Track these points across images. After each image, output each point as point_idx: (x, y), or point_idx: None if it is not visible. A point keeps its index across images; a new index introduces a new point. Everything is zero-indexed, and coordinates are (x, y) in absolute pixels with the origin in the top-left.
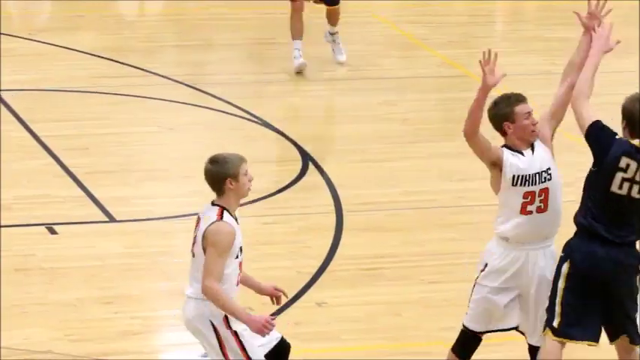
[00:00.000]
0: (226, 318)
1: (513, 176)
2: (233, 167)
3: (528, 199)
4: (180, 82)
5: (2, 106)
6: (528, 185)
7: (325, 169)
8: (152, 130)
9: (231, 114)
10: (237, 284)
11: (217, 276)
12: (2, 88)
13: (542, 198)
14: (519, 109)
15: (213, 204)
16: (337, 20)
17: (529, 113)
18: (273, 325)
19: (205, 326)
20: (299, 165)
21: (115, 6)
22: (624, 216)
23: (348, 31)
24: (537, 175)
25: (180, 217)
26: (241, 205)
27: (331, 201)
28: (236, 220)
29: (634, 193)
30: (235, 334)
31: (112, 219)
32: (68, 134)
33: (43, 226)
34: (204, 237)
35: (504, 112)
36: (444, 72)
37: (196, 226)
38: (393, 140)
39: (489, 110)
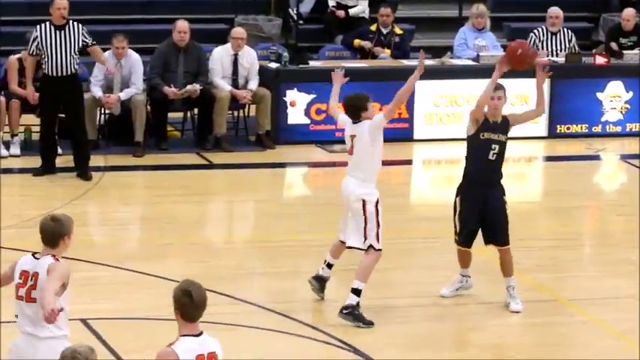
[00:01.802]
0: None
1: None
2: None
3: None
4: (270, 310)
5: (92, 335)
6: None
7: None
8: (244, 358)
9: (321, 341)
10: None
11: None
12: (89, 317)
13: None
14: None
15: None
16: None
17: None
18: None
19: None
20: None
21: (203, 234)
22: None
23: (434, 255)
24: None
25: None
26: None
27: None
28: None
29: None
30: None
31: None
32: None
33: None
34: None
35: None
36: (533, 296)
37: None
38: None
39: None
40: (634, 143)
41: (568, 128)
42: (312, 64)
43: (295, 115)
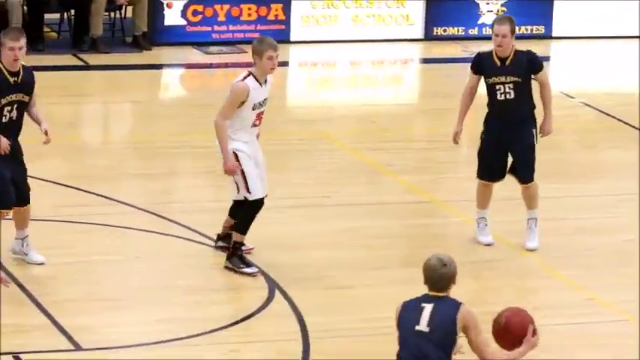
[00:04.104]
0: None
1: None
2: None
3: None
4: (145, 210)
5: None
6: None
7: (291, 295)
8: (117, 258)
9: (195, 241)
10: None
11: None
12: None
13: None
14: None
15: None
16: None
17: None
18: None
19: None
20: (265, 292)
21: (79, 134)
22: None
23: (308, 158)
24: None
25: (145, 344)
26: (212, 331)
27: (298, 328)
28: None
29: None
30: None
31: (78, 347)
32: (32, 263)
33: (10, 356)
34: None
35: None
36: (407, 198)
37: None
38: (356, 266)
39: None
40: None
41: (444, 31)
42: None
43: (172, 17)
